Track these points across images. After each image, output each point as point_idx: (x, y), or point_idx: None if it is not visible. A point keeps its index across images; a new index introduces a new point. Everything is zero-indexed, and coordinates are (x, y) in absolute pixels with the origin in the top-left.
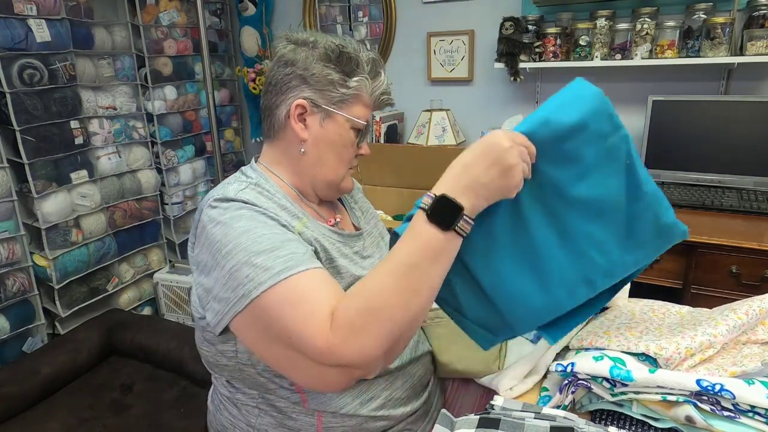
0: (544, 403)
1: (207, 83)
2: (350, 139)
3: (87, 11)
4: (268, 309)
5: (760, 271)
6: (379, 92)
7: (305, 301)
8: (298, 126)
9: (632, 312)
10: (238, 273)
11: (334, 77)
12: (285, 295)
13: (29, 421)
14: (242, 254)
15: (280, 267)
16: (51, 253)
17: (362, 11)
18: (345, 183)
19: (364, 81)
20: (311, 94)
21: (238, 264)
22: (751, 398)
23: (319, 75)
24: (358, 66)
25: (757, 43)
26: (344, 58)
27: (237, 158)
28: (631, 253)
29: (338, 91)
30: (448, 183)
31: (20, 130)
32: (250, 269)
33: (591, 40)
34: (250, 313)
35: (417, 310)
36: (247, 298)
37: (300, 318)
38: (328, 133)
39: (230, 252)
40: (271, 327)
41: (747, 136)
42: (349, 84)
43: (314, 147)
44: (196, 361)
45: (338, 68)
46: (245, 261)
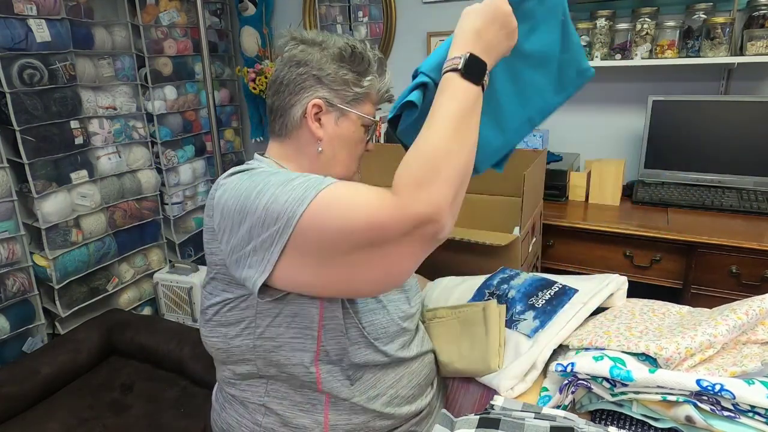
0: (544, 403)
1: (207, 83)
2: (361, 136)
3: (87, 11)
4: (322, 217)
5: (760, 271)
6: (384, 90)
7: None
8: (314, 125)
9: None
10: (276, 203)
11: (348, 77)
12: (332, 197)
13: (29, 421)
14: (275, 187)
15: (315, 183)
16: (51, 253)
17: (362, 11)
18: (355, 179)
19: (374, 80)
20: (326, 94)
21: (273, 195)
22: (751, 398)
23: (334, 75)
24: (369, 65)
25: (757, 43)
26: (356, 57)
27: (237, 158)
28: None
29: (352, 90)
30: (468, 45)
31: (20, 130)
32: (286, 195)
33: (591, 40)
34: (301, 236)
35: (468, 158)
36: (294, 218)
37: (362, 203)
38: (343, 132)
39: (261, 190)
40: (331, 234)
41: (747, 136)
42: (363, 83)
43: (329, 145)
44: (196, 361)
45: (352, 68)
46: (280, 190)
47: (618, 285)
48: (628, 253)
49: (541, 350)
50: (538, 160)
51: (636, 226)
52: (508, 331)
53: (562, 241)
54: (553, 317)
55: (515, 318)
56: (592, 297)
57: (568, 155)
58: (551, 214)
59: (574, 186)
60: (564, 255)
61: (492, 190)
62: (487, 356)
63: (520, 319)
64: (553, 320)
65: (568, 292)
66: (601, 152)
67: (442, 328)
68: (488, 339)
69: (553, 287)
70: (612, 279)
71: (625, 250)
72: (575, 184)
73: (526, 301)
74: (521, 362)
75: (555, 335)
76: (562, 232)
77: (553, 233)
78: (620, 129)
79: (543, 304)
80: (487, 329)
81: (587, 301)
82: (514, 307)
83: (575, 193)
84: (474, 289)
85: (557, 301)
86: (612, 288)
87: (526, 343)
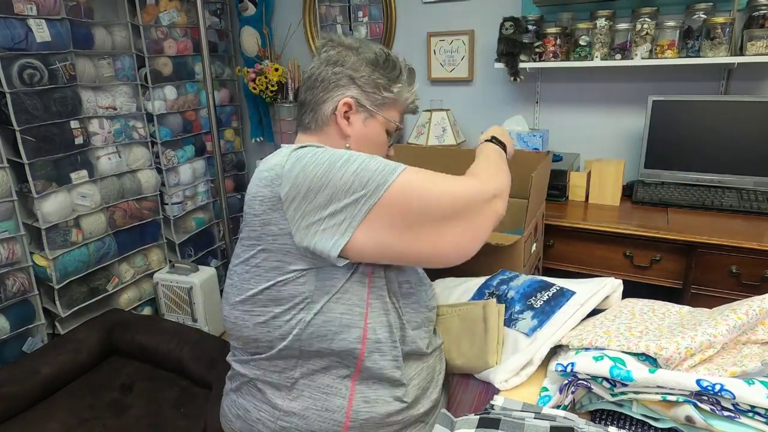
0: (544, 403)
1: (207, 83)
2: (384, 140)
3: (87, 11)
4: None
5: (760, 271)
6: (411, 100)
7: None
8: (343, 122)
9: (632, 312)
10: (365, 170)
11: (380, 81)
12: (424, 173)
13: (29, 421)
14: (362, 157)
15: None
16: (51, 253)
17: (362, 11)
18: None
19: (404, 88)
20: (357, 94)
21: (363, 163)
22: (751, 398)
23: (367, 78)
24: (400, 73)
25: (757, 43)
26: (389, 64)
27: (237, 158)
28: None
29: (381, 94)
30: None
31: (20, 130)
32: (377, 164)
33: (591, 40)
34: (388, 202)
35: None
36: (384, 185)
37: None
38: (369, 132)
39: (348, 159)
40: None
41: (747, 136)
42: (392, 89)
43: (356, 143)
44: (196, 361)
45: (384, 73)
46: (368, 160)
47: (613, 288)
48: (628, 253)
49: (539, 348)
50: (544, 163)
51: (636, 226)
52: (506, 329)
53: (563, 241)
54: (551, 317)
55: (514, 317)
56: (589, 298)
57: (568, 155)
58: (551, 214)
59: (574, 186)
60: (564, 255)
61: None
62: (485, 353)
63: (519, 318)
64: (551, 320)
65: (566, 294)
66: (601, 152)
67: (442, 325)
68: (487, 337)
69: (551, 289)
70: (607, 282)
71: (625, 250)
72: (575, 184)
73: (525, 302)
74: (518, 357)
75: (552, 334)
76: (563, 233)
77: (554, 233)
78: (620, 129)
79: (541, 305)
80: (487, 327)
81: (584, 302)
82: (513, 306)
83: (575, 193)
84: (474, 290)
85: (555, 302)
86: (608, 290)
87: (524, 341)
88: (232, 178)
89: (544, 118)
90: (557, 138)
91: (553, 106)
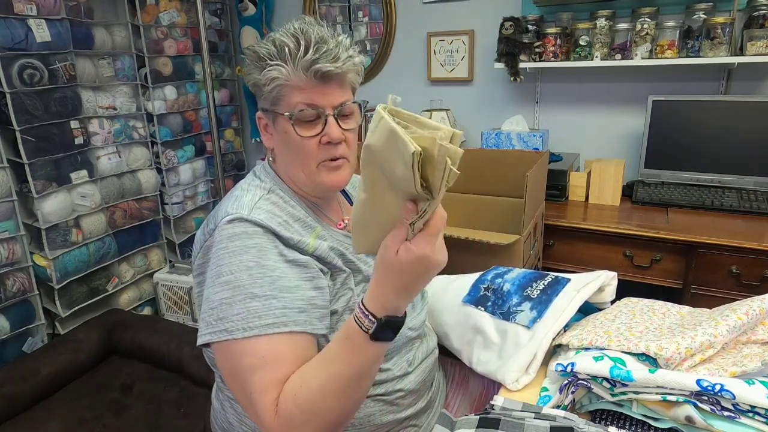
0: (544, 403)
1: (207, 83)
2: (297, 132)
3: (87, 11)
4: (242, 355)
5: (760, 271)
6: (302, 68)
7: (275, 367)
8: (265, 136)
9: (632, 312)
10: (229, 308)
11: (255, 80)
12: (261, 351)
13: (29, 421)
14: (238, 291)
15: (271, 320)
16: (51, 253)
17: (362, 11)
18: (321, 179)
19: (277, 67)
20: (261, 103)
21: (231, 299)
22: (751, 398)
23: (254, 83)
24: (269, 57)
25: (757, 43)
26: (254, 56)
27: (237, 158)
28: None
29: (264, 90)
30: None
31: (20, 130)
32: (241, 308)
33: (591, 40)
34: (226, 348)
35: (353, 409)
36: (229, 335)
37: (261, 385)
38: (280, 135)
39: (228, 282)
40: (237, 370)
41: (747, 136)
42: (261, 81)
43: (278, 152)
44: (196, 361)
45: (257, 69)
46: (240, 299)
47: (608, 279)
48: (628, 253)
49: (541, 341)
50: (541, 161)
51: (636, 226)
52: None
53: (562, 241)
54: (549, 306)
55: (512, 310)
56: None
57: (568, 155)
58: (551, 214)
59: (574, 186)
60: (564, 255)
61: (494, 191)
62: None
63: (518, 311)
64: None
65: (561, 281)
66: (601, 152)
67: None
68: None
69: (546, 278)
70: (602, 273)
71: (625, 250)
72: (575, 184)
73: (521, 293)
74: (523, 354)
75: (553, 324)
76: (562, 232)
77: (554, 233)
78: (620, 129)
79: (538, 294)
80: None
81: (580, 288)
82: (511, 299)
83: (575, 193)
84: (468, 286)
85: (551, 290)
86: (603, 280)
87: (525, 335)
88: (232, 178)
89: (544, 118)
90: (557, 138)
91: (553, 106)
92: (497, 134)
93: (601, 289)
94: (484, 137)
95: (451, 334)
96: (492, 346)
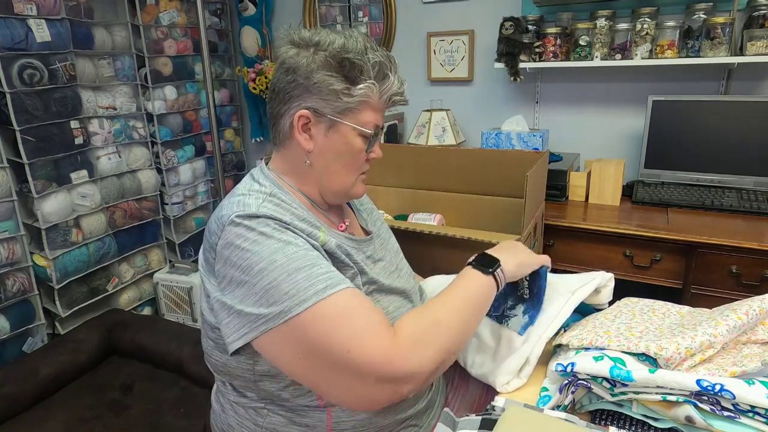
0: (544, 403)
1: (207, 83)
2: (358, 147)
3: (87, 11)
4: (311, 327)
5: (760, 271)
6: (389, 94)
7: (358, 315)
8: (302, 137)
9: (632, 312)
10: (276, 290)
11: (337, 87)
12: (334, 311)
13: (29, 421)
14: (278, 271)
15: (323, 284)
16: (51, 253)
17: (362, 11)
18: (355, 189)
19: (370, 87)
20: (314, 104)
21: (275, 281)
22: (751, 398)
23: (322, 84)
24: (362, 73)
25: (757, 43)
26: (347, 64)
27: (237, 158)
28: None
29: (342, 100)
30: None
31: (20, 130)
32: (290, 285)
33: (591, 40)
34: (288, 330)
35: (468, 337)
36: (287, 314)
37: (355, 333)
38: (334, 143)
39: (264, 269)
40: (314, 344)
41: (747, 136)
42: (353, 93)
43: (320, 157)
44: (196, 361)
45: (341, 76)
46: (284, 278)
47: (605, 280)
48: (628, 253)
49: (533, 346)
50: (541, 161)
51: (636, 226)
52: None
53: (562, 241)
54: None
55: (506, 314)
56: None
57: (568, 155)
58: (551, 214)
59: (574, 186)
60: (564, 255)
61: (494, 191)
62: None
63: (511, 315)
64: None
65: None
66: (601, 152)
67: None
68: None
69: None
70: (599, 274)
71: (625, 250)
72: (575, 184)
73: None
74: (515, 358)
75: (546, 329)
76: (562, 232)
77: (554, 233)
78: (620, 129)
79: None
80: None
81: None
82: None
83: (575, 193)
84: None
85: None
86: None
87: (518, 339)
88: (232, 178)
89: (544, 118)
90: (557, 138)
91: (553, 106)
92: (497, 134)
93: (597, 290)
94: (484, 137)
95: None
96: (486, 349)
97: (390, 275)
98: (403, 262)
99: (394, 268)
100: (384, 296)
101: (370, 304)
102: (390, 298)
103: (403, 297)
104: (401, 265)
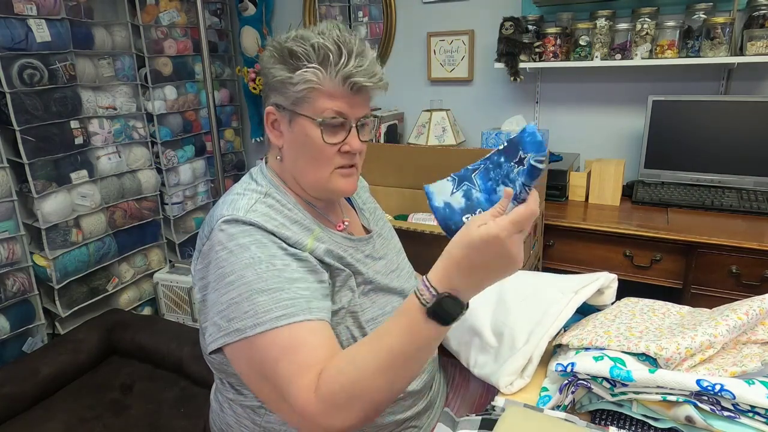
0: (544, 403)
1: (207, 83)
2: (318, 137)
3: (87, 11)
4: (261, 350)
5: (760, 271)
6: (342, 76)
7: (298, 353)
8: (273, 134)
9: (632, 312)
10: (237, 307)
11: (282, 77)
12: (279, 342)
13: (29, 421)
14: (244, 288)
15: (280, 312)
16: (51, 253)
17: (362, 11)
18: (334, 184)
19: (314, 72)
20: (276, 99)
21: (238, 297)
22: (751, 398)
23: (273, 77)
24: (301, 59)
25: (757, 43)
26: (286, 53)
27: (237, 158)
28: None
29: (290, 90)
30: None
31: (20, 130)
32: (250, 306)
33: (591, 40)
34: (243, 348)
35: (400, 391)
36: (242, 334)
37: (291, 370)
38: (297, 136)
39: (233, 282)
40: (263, 367)
41: (747, 136)
42: (294, 80)
43: (289, 151)
44: (196, 361)
45: (283, 65)
46: (246, 297)
47: (608, 282)
48: (628, 253)
49: (536, 344)
50: None
51: (636, 226)
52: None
53: (563, 241)
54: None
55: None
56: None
57: (568, 155)
58: (551, 214)
59: (574, 186)
60: (564, 255)
61: None
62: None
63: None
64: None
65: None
66: (601, 152)
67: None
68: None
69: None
70: (602, 275)
71: (625, 250)
72: (575, 184)
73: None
74: (517, 357)
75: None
76: (563, 232)
77: (553, 233)
78: (620, 129)
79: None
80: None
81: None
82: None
83: (575, 193)
84: None
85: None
86: (602, 282)
87: (521, 338)
88: (232, 178)
89: (544, 118)
90: (557, 138)
91: (553, 106)
92: (497, 134)
93: (600, 291)
94: (484, 137)
95: (449, 335)
96: (489, 349)
97: (389, 274)
98: (405, 261)
99: (394, 267)
100: (381, 296)
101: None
102: (387, 298)
103: (401, 297)
104: (402, 265)
